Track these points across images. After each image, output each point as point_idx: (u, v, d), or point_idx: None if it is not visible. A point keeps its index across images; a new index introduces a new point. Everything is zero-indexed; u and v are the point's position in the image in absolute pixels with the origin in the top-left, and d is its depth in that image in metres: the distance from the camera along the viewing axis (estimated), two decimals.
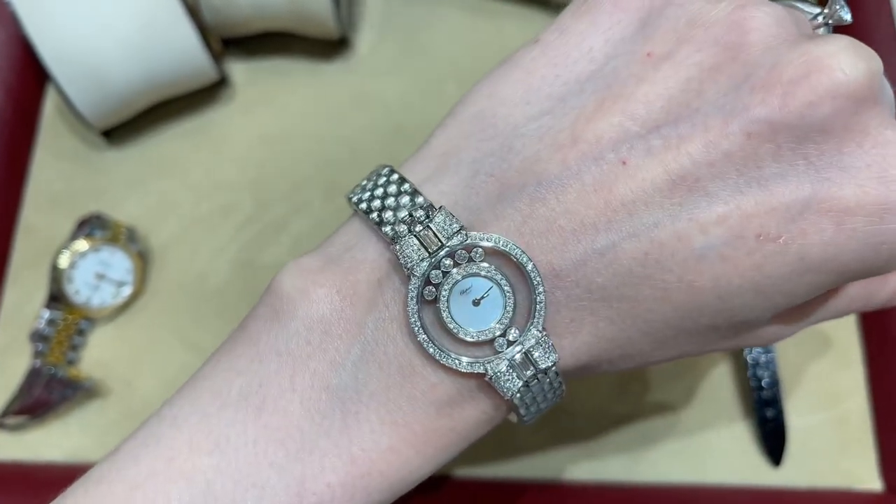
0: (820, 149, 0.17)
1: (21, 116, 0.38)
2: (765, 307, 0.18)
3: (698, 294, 0.18)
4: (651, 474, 0.33)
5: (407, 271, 0.18)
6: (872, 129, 0.17)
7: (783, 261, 0.17)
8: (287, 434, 0.18)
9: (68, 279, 0.35)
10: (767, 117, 0.17)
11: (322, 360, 0.19)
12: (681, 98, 0.18)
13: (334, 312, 0.19)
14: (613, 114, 0.18)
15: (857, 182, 0.17)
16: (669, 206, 0.17)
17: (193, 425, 0.19)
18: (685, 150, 0.17)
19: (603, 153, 0.18)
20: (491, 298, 0.18)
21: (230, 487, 0.18)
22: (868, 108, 0.17)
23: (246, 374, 0.19)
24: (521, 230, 0.18)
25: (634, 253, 0.18)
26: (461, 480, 0.33)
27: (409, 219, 0.19)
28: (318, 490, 0.18)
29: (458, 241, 0.18)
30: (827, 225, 0.17)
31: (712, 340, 0.20)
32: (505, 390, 0.18)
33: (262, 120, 0.39)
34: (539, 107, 0.19)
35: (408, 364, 0.19)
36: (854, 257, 0.17)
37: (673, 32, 0.18)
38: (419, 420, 0.19)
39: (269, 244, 0.37)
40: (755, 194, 0.17)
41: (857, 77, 0.17)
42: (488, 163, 0.19)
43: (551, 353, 0.18)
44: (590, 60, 0.19)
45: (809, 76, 0.17)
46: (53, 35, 0.33)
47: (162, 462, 0.18)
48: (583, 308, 0.18)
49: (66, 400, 0.34)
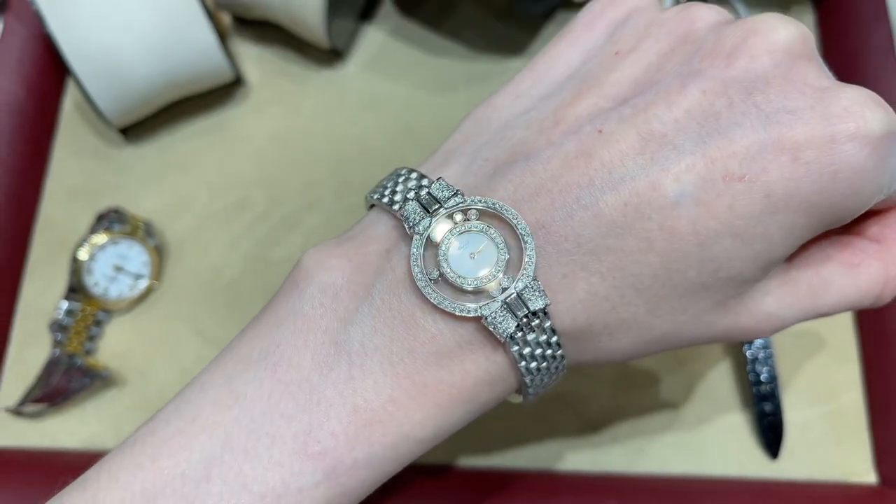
0: (767, 97, 0.19)
1: (42, 113, 0.39)
2: (746, 256, 0.20)
3: (679, 240, 0.19)
4: (651, 466, 0.34)
5: (410, 230, 0.20)
6: (811, 79, 0.20)
7: (751, 198, 0.19)
8: (298, 387, 0.20)
9: (88, 271, 0.36)
10: (717, 75, 0.20)
11: (332, 319, 0.20)
12: (644, 77, 0.21)
13: (345, 278, 0.21)
14: (589, 97, 0.21)
15: (803, 121, 0.19)
16: (643, 161, 0.19)
17: (218, 387, 0.20)
18: (651, 112, 0.20)
19: (581, 127, 0.21)
20: (486, 252, 0.20)
21: (244, 437, 0.19)
22: (804, 62, 0.20)
23: (266, 338, 0.21)
24: (513, 198, 0.20)
25: (615, 204, 0.19)
26: (465, 470, 0.34)
27: (415, 194, 0.21)
28: (322, 438, 0.19)
29: (454, 203, 0.20)
30: (784, 160, 0.19)
31: (705, 308, 0.21)
32: (501, 331, 0.19)
33: (275, 119, 0.40)
34: (525, 105, 0.23)
35: (410, 317, 0.20)
36: (814, 189, 0.19)
37: (635, 34, 0.22)
38: (419, 371, 0.20)
39: (282, 240, 0.38)
40: (716, 142, 0.19)
41: (789, 35, 0.20)
42: (483, 150, 0.22)
43: (542, 295, 0.20)
44: (567, 68, 0.23)
45: (748, 39, 0.20)
46: (75, 33, 0.34)
47: (187, 421, 0.20)
48: (573, 262, 0.20)
49: (84, 389, 0.35)
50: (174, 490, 0.19)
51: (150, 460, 0.19)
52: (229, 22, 0.42)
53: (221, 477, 0.19)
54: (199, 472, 0.19)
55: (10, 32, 0.39)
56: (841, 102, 0.19)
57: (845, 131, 0.19)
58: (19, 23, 0.39)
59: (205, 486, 0.19)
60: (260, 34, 0.42)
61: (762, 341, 0.35)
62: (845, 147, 0.19)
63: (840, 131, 0.19)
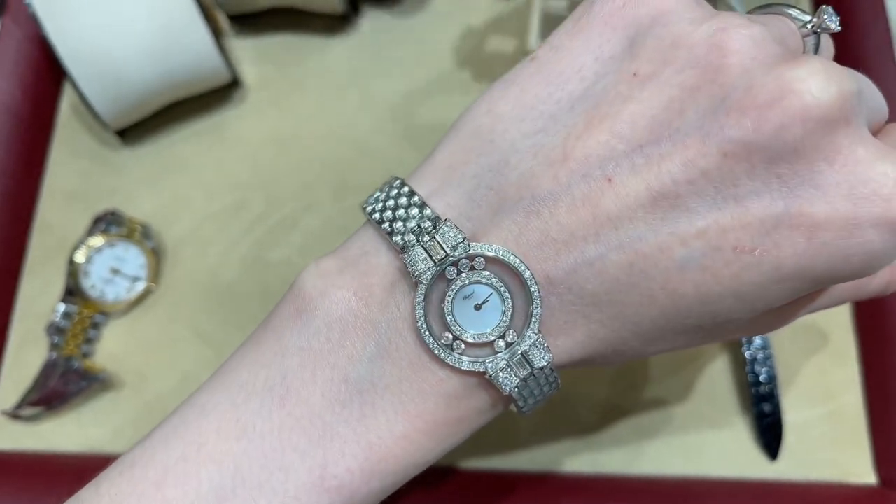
0: (792, 168, 0.18)
1: (38, 115, 0.39)
2: (746, 310, 0.20)
3: (682, 300, 0.19)
4: (650, 467, 0.34)
5: (414, 279, 0.20)
6: (844, 149, 0.18)
7: (759, 271, 0.18)
8: (310, 422, 0.20)
9: (84, 274, 0.36)
10: (742, 138, 0.18)
11: (341, 356, 0.20)
12: (663, 117, 0.19)
13: (351, 312, 0.20)
14: (601, 132, 0.19)
15: (826, 199, 0.18)
16: (652, 220, 0.18)
17: (221, 413, 0.20)
18: (666, 168, 0.18)
19: (591, 170, 0.19)
20: (491, 304, 0.20)
21: (257, 470, 0.19)
22: (839, 128, 0.18)
23: (271, 367, 0.20)
24: (518, 241, 0.19)
25: (620, 263, 0.19)
26: (466, 472, 0.34)
27: (418, 229, 0.20)
28: (339, 474, 0.20)
29: (461, 251, 0.19)
30: (799, 238, 0.18)
31: (701, 337, 0.21)
32: (503, 387, 0.20)
33: (273, 121, 0.40)
34: (533, 124, 0.21)
35: (417, 360, 0.20)
36: (826, 268, 0.18)
37: (658, 52, 0.19)
38: (430, 411, 0.20)
39: (280, 241, 0.38)
40: (731, 210, 0.18)
41: (827, 100, 0.17)
42: (488, 177, 0.21)
43: (546, 353, 0.20)
44: (580, 79, 0.21)
45: (781, 100, 0.17)
46: (72, 35, 0.34)
47: (192, 447, 0.20)
48: (575, 312, 0.20)
49: (81, 391, 0.34)
50: None
51: (153, 488, 0.19)
52: (226, 24, 0.42)
53: None
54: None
55: (6, 35, 0.39)
56: (871, 183, 0.18)
57: (868, 217, 0.18)
58: (16, 25, 0.39)
59: None
60: (257, 36, 0.42)
61: (761, 342, 0.35)
62: (866, 232, 0.18)
63: (863, 216, 0.18)
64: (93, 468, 0.23)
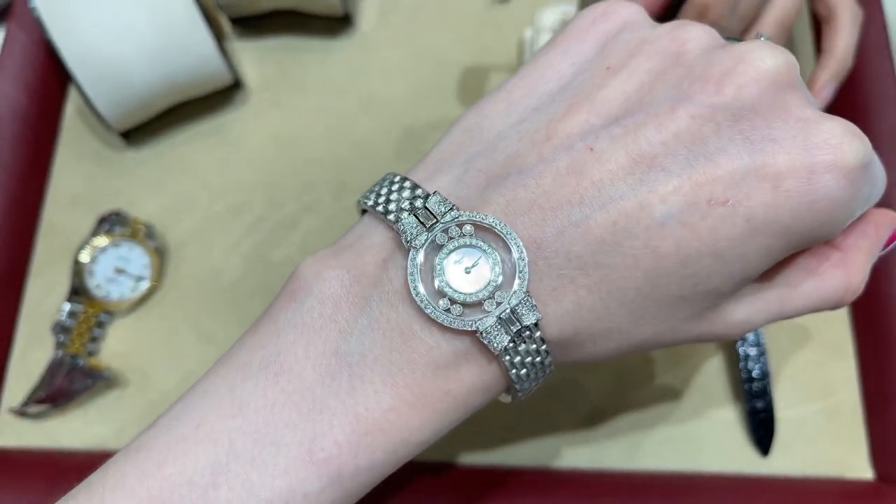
0: (752, 124, 0.20)
1: (44, 118, 0.40)
2: (725, 273, 0.21)
3: (663, 259, 0.20)
4: (647, 463, 0.34)
5: (407, 244, 0.21)
6: (794, 108, 0.21)
7: (733, 222, 0.20)
8: (301, 396, 0.20)
9: (89, 273, 0.36)
10: (707, 101, 0.20)
11: (332, 330, 0.21)
12: (635, 97, 0.21)
13: (343, 288, 0.21)
14: (580, 113, 0.22)
15: (785, 150, 0.20)
16: (632, 181, 0.20)
17: (220, 395, 0.21)
18: (641, 133, 0.20)
19: (573, 143, 0.21)
20: (480, 266, 0.21)
21: (249, 446, 0.20)
22: (788, 91, 0.21)
23: (267, 347, 0.21)
24: (506, 211, 0.21)
25: (604, 222, 0.20)
26: (463, 467, 0.34)
27: (410, 206, 0.21)
28: (327, 446, 0.20)
29: (450, 218, 0.21)
30: (766, 188, 0.20)
31: (682, 318, 0.22)
32: (495, 346, 0.20)
33: (274, 122, 0.41)
34: (518, 116, 0.23)
35: (408, 329, 0.20)
36: (792, 216, 0.20)
37: (626, 50, 0.22)
38: (417, 382, 0.20)
39: (281, 241, 0.38)
40: (703, 166, 0.20)
41: (776, 66, 0.21)
42: (476, 161, 0.22)
43: (534, 310, 0.20)
44: (559, 79, 0.23)
45: (737, 66, 0.21)
46: (76, 39, 0.34)
47: (191, 428, 0.20)
48: (563, 276, 0.20)
49: (86, 389, 0.35)
50: (181, 497, 0.19)
51: (155, 466, 0.20)
52: (228, 26, 0.42)
53: (228, 484, 0.20)
54: (205, 479, 0.20)
55: (12, 39, 0.40)
56: (821, 134, 0.20)
57: (823, 162, 0.20)
58: (21, 29, 0.40)
59: (212, 493, 0.19)
60: (258, 38, 0.42)
61: (754, 339, 0.35)
62: (823, 178, 0.20)
63: (819, 162, 0.20)
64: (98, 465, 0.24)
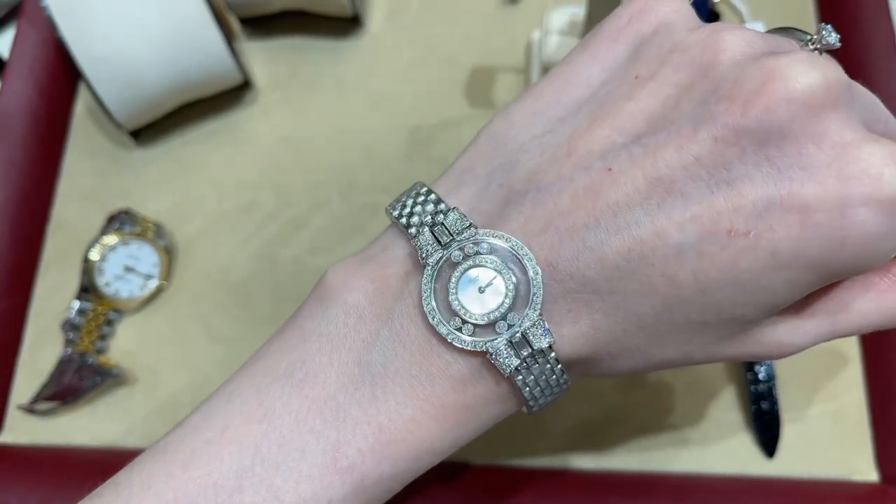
0: (781, 150, 0.18)
1: (54, 116, 0.40)
2: (749, 303, 0.20)
3: (681, 288, 0.19)
4: (653, 464, 0.34)
5: (422, 262, 0.21)
6: (831, 132, 0.18)
7: (755, 255, 0.19)
8: (325, 404, 0.20)
9: (99, 271, 0.37)
10: (731, 123, 0.18)
11: (356, 340, 0.21)
12: (660, 112, 0.20)
13: (368, 300, 0.21)
14: (603, 128, 0.20)
15: (817, 180, 0.18)
16: (649, 206, 0.19)
17: (246, 399, 0.21)
18: (661, 155, 0.19)
19: (592, 162, 0.20)
20: (495, 287, 0.20)
21: (275, 451, 0.20)
22: (825, 112, 0.18)
23: (292, 353, 0.21)
24: (523, 230, 0.20)
25: (619, 249, 0.19)
26: (477, 467, 0.34)
27: (431, 221, 0.21)
28: (350, 455, 0.20)
29: (467, 236, 0.21)
30: (792, 220, 0.18)
31: (710, 340, 0.21)
32: (504, 368, 0.20)
33: (283, 122, 0.41)
34: (542, 127, 0.22)
35: (427, 344, 0.21)
36: (821, 251, 0.19)
37: (657, 57, 0.21)
38: (437, 395, 0.21)
39: (289, 240, 0.39)
40: (724, 194, 0.19)
41: (810, 84, 0.18)
42: (498, 175, 0.22)
43: (547, 335, 0.20)
44: (587, 86, 0.22)
45: (766, 85, 0.18)
46: (87, 37, 0.35)
47: (217, 431, 0.21)
48: (578, 300, 0.20)
49: (95, 387, 0.35)
50: (207, 500, 0.20)
51: (181, 469, 0.20)
52: (238, 26, 0.42)
53: (254, 488, 0.20)
54: (231, 483, 0.20)
55: (23, 37, 0.40)
56: (859, 162, 0.18)
57: (859, 195, 0.18)
58: (32, 28, 0.40)
59: (238, 497, 0.20)
60: (268, 38, 0.42)
61: None
62: (858, 212, 0.18)
63: (853, 195, 0.18)
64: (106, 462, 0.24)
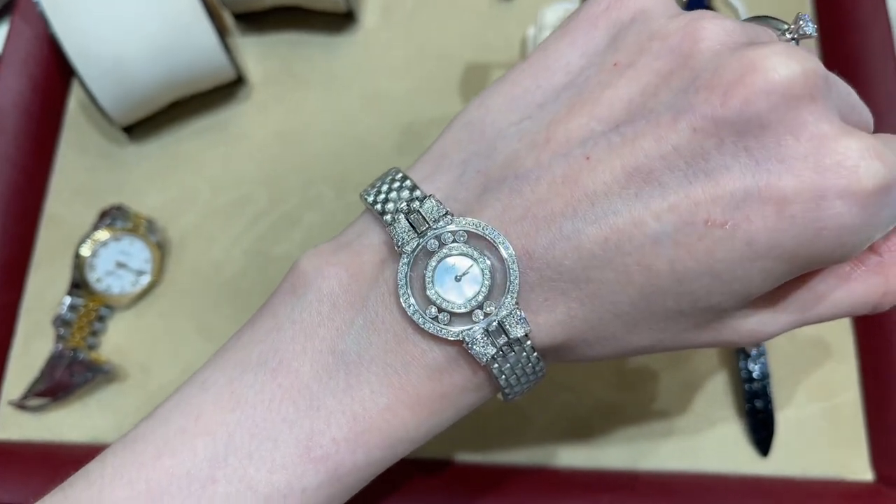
0: (759, 142, 0.18)
1: (47, 112, 0.40)
2: (725, 292, 0.20)
3: (657, 277, 0.19)
4: (646, 463, 0.34)
5: (398, 250, 0.20)
6: (809, 124, 0.18)
7: (731, 245, 0.19)
8: (298, 393, 0.20)
9: (90, 267, 0.36)
10: (710, 114, 0.18)
11: (330, 328, 0.21)
12: (639, 100, 0.20)
13: (342, 287, 0.21)
14: (581, 116, 0.20)
15: (794, 172, 0.18)
16: (626, 195, 0.19)
17: (219, 388, 0.21)
18: (639, 144, 0.19)
19: (571, 150, 0.20)
20: (471, 275, 0.20)
21: (247, 440, 0.20)
22: (803, 104, 0.18)
23: (265, 342, 0.21)
24: (501, 218, 0.20)
25: (596, 238, 0.19)
26: (460, 465, 0.34)
27: (406, 207, 0.21)
28: (324, 444, 0.20)
29: (443, 224, 0.20)
30: (769, 211, 0.18)
31: (685, 328, 0.21)
32: (480, 356, 0.20)
33: (276, 118, 0.41)
34: (520, 113, 0.22)
35: (402, 332, 0.20)
36: (797, 242, 0.19)
37: (637, 44, 0.21)
38: (412, 383, 0.21)
39: (282, 236, 0.38)
40: (702, 184, 0.19)
41: (789, 76, 0.18)
42: (475, 161, 0.22)
43: (523, 323, 0.20)
44: (566, 73, 0.22)
45: (745, 76, 0.18)
46: (79, 34, 0.35)
47: (190, 420, 0.20)
48: (554, 289, 0.20)
49: (86, 383, 0.35)
50: (179, 489, 0.20)
51: (153, 458, 0.20)
52: (231, 22, 0.42)
53: (227, 478, 0.20)
54: (204, 472, 0.20)
55: (16, 33, 0.40)
56: (835, 154, 0.18)
57: (835, 188, 0.18)
58: (25, 24, 0.40)
59: (211, 487, 0.20)
60: (261, 34, 0.42)
61: None
62: (833, 204, 0.18)
63: (829, 187, 0.18)
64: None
